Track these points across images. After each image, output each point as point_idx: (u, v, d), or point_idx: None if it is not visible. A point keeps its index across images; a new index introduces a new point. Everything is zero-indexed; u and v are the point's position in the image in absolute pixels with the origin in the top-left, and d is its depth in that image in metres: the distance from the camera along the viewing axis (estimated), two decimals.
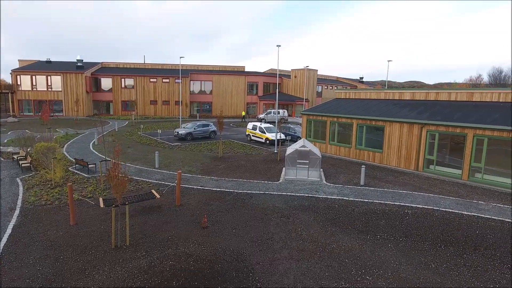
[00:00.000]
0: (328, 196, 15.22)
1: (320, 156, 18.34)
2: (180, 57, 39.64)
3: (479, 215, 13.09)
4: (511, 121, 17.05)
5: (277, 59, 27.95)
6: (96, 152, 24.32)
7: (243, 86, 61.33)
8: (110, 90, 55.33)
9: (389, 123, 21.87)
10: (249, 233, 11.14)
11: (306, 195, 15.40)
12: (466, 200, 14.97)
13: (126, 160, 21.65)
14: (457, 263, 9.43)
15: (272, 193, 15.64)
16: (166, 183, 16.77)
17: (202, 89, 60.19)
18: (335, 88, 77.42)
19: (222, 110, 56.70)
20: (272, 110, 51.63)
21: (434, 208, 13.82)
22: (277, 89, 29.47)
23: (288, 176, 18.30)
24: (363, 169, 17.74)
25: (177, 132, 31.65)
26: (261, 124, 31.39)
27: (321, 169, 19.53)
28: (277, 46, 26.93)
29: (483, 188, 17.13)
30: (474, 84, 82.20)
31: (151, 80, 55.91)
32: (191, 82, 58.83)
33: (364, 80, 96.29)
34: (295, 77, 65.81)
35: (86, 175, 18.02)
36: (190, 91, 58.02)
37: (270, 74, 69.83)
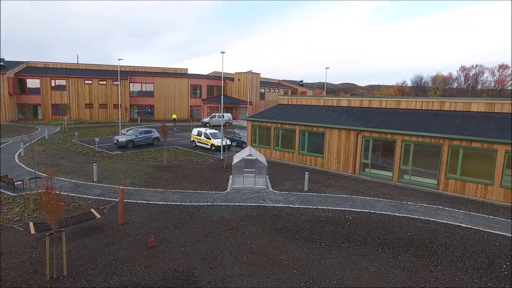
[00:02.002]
0: (275, 205, 15.61)
1: (266, 164, 18.75)
2: (119, 59, 37.60)
3: (408, 216, 14.47)
4: (435, 127, 19.14)
5: (222, 65, 27.93)
6: (23, 166, 21.97)
7: (187, 89, 60.13)
8: (38, 92, 50.31)
9: (329, 129, 23.12)
10: (199, 250, 10.99)
11: (254, 204, 15.63)
12: (397, 202, 16.44)
13: (59, 173, 19.92)
14: (393, 265, 10.34)
15: (220, 204, 15.60)
16: (107, 198, 15.78)
17: (143, 91, 57.68)
18: (277, 91, 79.59)
19: (166, 115, 55.04)
20: (217, 114, 51.39)
21: (371, 211, 14.96)
22: (222, 94, 29.42)
23: (235, 185, 18.39)
24: (306, 175, 18.51)
25: (117, 140, 29.92)
26: (206, 130, 31.07)
27: (267, 176, 19.96)
28: (221, 52, 26.90)
29: (411, 189, 18.96)
30: (399, 89, 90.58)
31: (86, 81, 52.05)
32: (131, 84, 56.04)
33: (303, 82, 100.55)
34: (239, 80, 66.28)
35: (12, 194, 16.20)
36: (130, 93, 55.21)
37: (214, 77, 69.44)
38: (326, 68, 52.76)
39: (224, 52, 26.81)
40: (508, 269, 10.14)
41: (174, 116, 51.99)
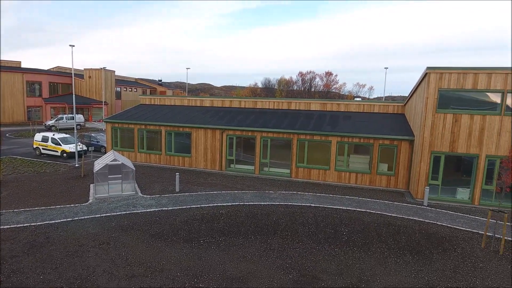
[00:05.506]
0: (147, 210, 15.04)
1: (134, 168, 17.78)
2: None
3: (271, 203, 16.40)
4: (285, 124, 22.10)
5: (72, 59, 24.71)
6: None
7: (21, 86, 49.86)
8: None
9: (195, 129, 23.59)
10: (64, 274, 9.67)
11: (124, 212, 14.66)
12: (261, 192, 18.36)
13: None
14: (265, 248, 11.66)
15: (82, 217, 13.95)
16: None
17: None
18: (135, 90, 75.14)
19: None
20: (65, 115, 44.73)
21: (240, 203, 16.24)
22: (73, 93, 25.88)
23: (99, 194, 16.73)
24: (177, 176, 18.47)
25: None
26: (54, 134, 26.78)
27: (135, 181, 18.92)
28: (70, 45, 23.60)
29: (270, 179, 21.43)
30: (252, 90, 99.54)
31: None
32: None
33: (162, 81, 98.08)
34: (90, 77, 59.40)
35: None
36: None
37: (58, 72, 59.92)
38: (187, 68, 53.42)
39: (74, 46, 23.65)
40: (347, 234, 12.91)
41: None
